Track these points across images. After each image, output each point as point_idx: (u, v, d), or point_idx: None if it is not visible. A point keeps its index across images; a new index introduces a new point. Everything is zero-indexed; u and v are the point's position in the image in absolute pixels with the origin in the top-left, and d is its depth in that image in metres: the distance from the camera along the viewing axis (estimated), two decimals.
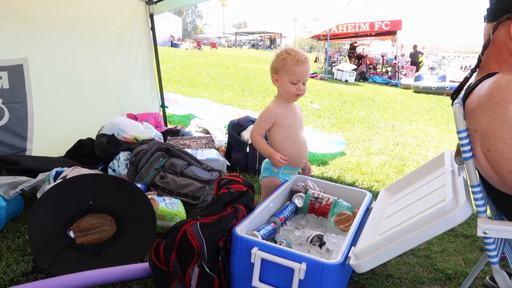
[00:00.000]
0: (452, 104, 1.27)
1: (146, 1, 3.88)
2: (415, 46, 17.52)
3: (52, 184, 2.17)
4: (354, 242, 1.53)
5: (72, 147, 2.98)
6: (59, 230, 1.75)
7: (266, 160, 2.10)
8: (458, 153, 1.22)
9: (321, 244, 1.65)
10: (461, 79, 1.31)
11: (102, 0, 3.41)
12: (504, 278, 1.14)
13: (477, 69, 1.27)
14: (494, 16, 1.19)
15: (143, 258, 1.88)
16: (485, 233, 1.09)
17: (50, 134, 2.99)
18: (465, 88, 1.26)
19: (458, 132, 1.14)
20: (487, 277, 1.95)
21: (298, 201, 2.02)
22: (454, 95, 1.28)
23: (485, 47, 1.22)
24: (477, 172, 1.17)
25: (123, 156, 2.75)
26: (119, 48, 3.69)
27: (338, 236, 1.72)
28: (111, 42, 3.62)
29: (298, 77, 1.91)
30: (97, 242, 1.82)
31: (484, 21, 1.25)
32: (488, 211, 1.30)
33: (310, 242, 1.66)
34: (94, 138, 3.01)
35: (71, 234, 1.77)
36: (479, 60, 1.25)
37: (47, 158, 2.68)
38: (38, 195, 2.23)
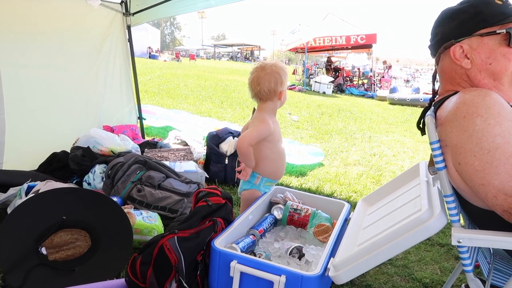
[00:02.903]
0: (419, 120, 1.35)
1: (123, 13, 3.86)
2: (384, 61, 18.20)
3: (24, 198, 2.10)
4: (333, 253, 1.53)
5: (46, 160, 2.90)
6: (31, 246, 1.68)
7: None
8: (432, 163, 1.24)
9: (300, 256, 1.64)
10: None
11: (78, 11, 3.37)
12: (478, 286, 1.16)
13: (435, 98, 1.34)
14: (435, 50, 1.29)
15: (119, 274, 1.82)
16: (459, 242, 1.11)
17: (22, 147, 2.90)
18: (434, 101, 1.31)
19: (431, 143, 1.16)
20: (463, 285, 1.99)
21: (277, 213, 2.01)
22: (424, 111, 1.33)
23: (433, 78, 1.33)
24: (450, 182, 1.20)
25: (98, 169, 2.69)
26: (95, 59, 3.64)
27: (317, 247, 1.73)
28: (87, 53, 3.57)
29: None
30: (70, 259, 1.76)
31: (432, 57, 1.35)
32: (462, 220, 1.33)
33: (290, 254, 1.66)
34: (69, 151, 2.94)
35: (43, 250, 1.71)
36: (434, 91, 1.34)
37: (19, 172, 2.59)
38: (9, 211, 2.15)
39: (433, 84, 1.37)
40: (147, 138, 4.22)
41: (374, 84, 15.58)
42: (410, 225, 1.22)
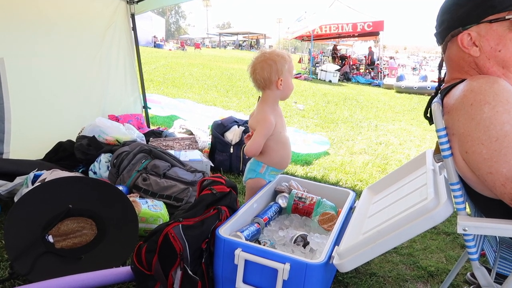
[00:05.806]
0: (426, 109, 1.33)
1: (127, 1, 3.83)
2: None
3: (30, 187, 2.12)
4: (337, 241, 1.53)
5: (51, 150, 2.91)
6: (38, 234, 1.70)
7: (251, 161, 2.09)
8: (437, 150, 1.23)
9: (305, 244, 1.65)
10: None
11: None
12: (483, 274, 1.15)
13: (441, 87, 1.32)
14: (442, 38, 1.26)
15: (125, 261, 1.84)
16: (464, 230, 1.10)
17: (28, 136, 2.91)
18: (441, 88, 1.28)
19: (437, 131, 1.15)
20: (468, 274, 1.98)
21: (282, 201, 2.01)
22: (431, 100, 1.31)
23: (440, 67, 1.31)
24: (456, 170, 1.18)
25: (104, 158, 2.70)
26: (99, 48, 3.63)
27: (322, 235, 1.72)
28: (91, 42, 3.55)
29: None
30: (77, 246, 1.78)
31: (438, 44, 1.32)
32: (468, 208, 1.32)
33: (294, 242, 1.66)
34: (74, 140, 2.95)
35: (50, 238, 1.73)
36: (440, 79, 1.32)
37: (25, 161, 2.61)
38: (16, 199, 2.17)
39: (439, 73, 1.35)
40: (152, 127, 4.22)
41: (380, 72, 15.43)
42: (416, 214, 1.21)
